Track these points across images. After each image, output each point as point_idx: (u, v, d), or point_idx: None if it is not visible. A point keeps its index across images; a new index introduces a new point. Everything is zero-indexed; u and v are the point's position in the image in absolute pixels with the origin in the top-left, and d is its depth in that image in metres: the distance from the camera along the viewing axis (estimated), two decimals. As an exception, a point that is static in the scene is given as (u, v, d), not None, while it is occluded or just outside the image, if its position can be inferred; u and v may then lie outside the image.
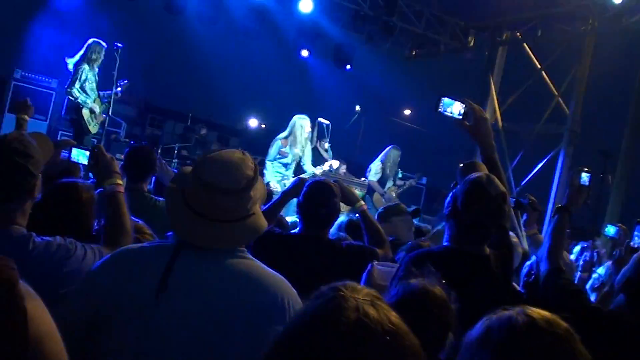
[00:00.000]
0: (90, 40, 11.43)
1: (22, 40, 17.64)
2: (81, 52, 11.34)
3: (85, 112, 11.28)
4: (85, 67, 11.25)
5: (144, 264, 2.55)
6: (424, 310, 2.60)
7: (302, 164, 11.36)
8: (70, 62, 11.32)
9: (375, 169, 12.95)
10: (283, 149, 11.20)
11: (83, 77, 11.22)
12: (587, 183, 3.89)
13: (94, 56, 11.38)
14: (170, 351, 2.41)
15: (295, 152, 11.18)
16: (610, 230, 6.75)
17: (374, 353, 1.52)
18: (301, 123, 11.19)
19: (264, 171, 11.20)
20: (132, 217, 3.64)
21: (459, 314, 2.63)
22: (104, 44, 11.48)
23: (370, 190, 12.83)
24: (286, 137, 11.25)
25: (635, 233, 4.87)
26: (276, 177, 11.12)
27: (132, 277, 2.50)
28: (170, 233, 2.95)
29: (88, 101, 11.25)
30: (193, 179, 2.56)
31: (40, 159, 3.12)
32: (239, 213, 2.56)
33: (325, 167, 11.42)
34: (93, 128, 11.41)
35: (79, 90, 11.19)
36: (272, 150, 11.30)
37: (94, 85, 11.42)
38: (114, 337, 2.43)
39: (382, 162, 13.00)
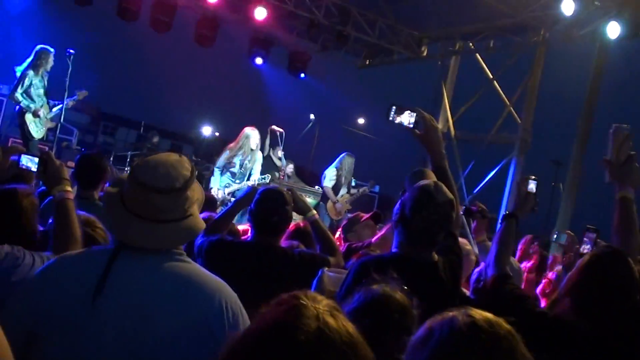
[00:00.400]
0: (38, 47, 11.37)
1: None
2: (29, 60, 11.27)
3: (29, 117, 11.20)
4: (31, 72, 11.18)
5: (81, 269, 2.52)
6: (385, 316, 2.61)
7: (251, 174, 11.40)
8: (19, 70, 11.24)
9: (330, 176, 12.97)
10: (232, 159, 11.28)
11: (27, 83, 11.15)
12: (534, 190, 3.94)
13: (40, 62, 11.29)
14: (107, 356, 2.37)
15: (244, 163, 11.24)
16: (560, 237, 6.84)
17: None
18: (248, 133, 11.29)
19: (212, 177, 11.28)
20: (82, 212, 3.60)
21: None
22: (51, 50, 11.42)
23: (324, 197, 12.86)
24: (235, 147, 11.32)
25: (585, 239, 4.93)
26: (222, 183, 11.15)
27: (70, 284, 2.47)
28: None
29: (32, 106, 11.15)
30: (130, 180, 2.55)
31: None
32: (176, 213, 2.55)
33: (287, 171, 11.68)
34: (37, 133, 11.28)
35: (23, 95, 11.11)
36: (221, 159, 11.41)
37: (41, 91, 11.32)
38: (53, 345, 2.39)
39: (337, 168, 13.04)
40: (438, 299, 3.06)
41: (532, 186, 3.94)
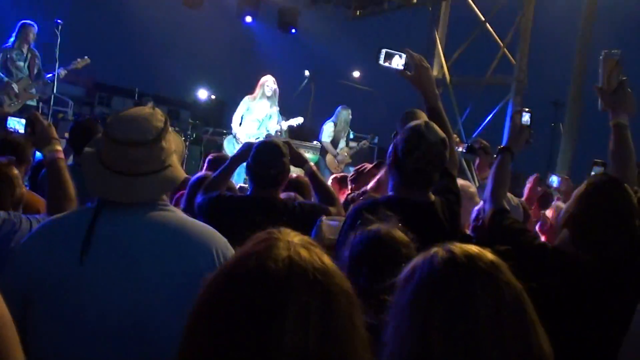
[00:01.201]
0: (21, 23, 11.28)
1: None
2: (13, 37, 11.23)
3: None
4: (9, 49, 11.14)
5: (67, 230, 2.52)
6: (392, 252, 2.62)
7: (268, 120, 11.53)
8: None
9: (327, 131, 12.96)
10: (251, 103, 11.43)
11: (3, 57, 11.09)
12: (528, 122, 3.88)
13: (21, 37, 11.21)
14: (101, 313, 2.38)
15: (264, 107, 11.40)
16: (554, 180, 6.81)
17: (304, 290, 1.53)
18: (263, 81, 11.44)
19: (231, 125, 11.47)
20: None
21: None
22: (32, 24, 11.32)
23: (323, 151, 12.87)
24: (253, 95, 11.48)
25: (592, 173, 4.89)
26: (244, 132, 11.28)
27: (58, 245, 2.47)
28: None
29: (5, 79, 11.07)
30: (105, 137, 2.54)
31: None
32: (152, 165, 2.54)
33: (293, 122, 11.75)
34: (10, 107, 11.18)
35: None
36: (239, 109, 11.52)
37: (20, 64, 11.21)
38: (45, 308, 2.41)
39: (334, 122, 13.02)
40: (436, 238, 3.06)
41: (526, 118, 3.89)
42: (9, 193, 3.56)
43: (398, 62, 3.98)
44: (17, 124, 3.99)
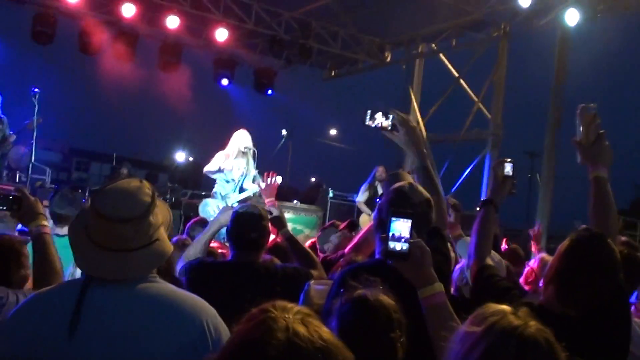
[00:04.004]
0: None
1: None
2: None
3: None
4: None
5: (55, 304, 2.48)
6: (367, 317, 2.60)
7: (246, 176, 11.13)
8: None
9: (363, 191, 13.04)
10: (225, 162, 10.92)
11: None
12: (510, 173, 3.85)
13: None
14: None
15: (240, 165, 10.99)
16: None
17: None
18: (237, 136, 11.05)
19: (206, 208, 10.95)
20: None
21: None
22: None
23: (359, 211, 12.94)
24: (227, 152, 11.01)
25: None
26: (217, 199, 10.94)
27: (45, 320, 2.43)
28: None
29: None
30: (92, 212, 2.52)
31: None
32: (140, 241, 2.52)
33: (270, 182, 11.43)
34: None
35: None
36: (212, 163, 10.99)
37: None
38: None
39: (369, 183, 13.13)
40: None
41: (508, 169, 3.84)
42: (16, 271, 3.55)
43: (384, 122, 3.97)
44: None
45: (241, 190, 11.10)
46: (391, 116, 3.96)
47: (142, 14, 15.15)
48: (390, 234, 2.88)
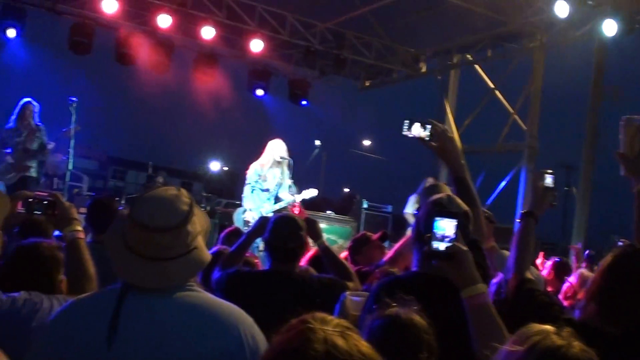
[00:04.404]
0: (23, 101, 11.65)
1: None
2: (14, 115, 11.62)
3: None
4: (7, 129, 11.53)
5: (93, 312, 2.50)
6: (414, 338, 2.58)
7: (281, 186, 11.23)
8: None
9: (412, 203, 13.02)
10: (260, 175, 11.08)
11: (4, 136, 11.51)
12: (551, 185, 3.79)
13: (21, 114, 11.56)
14: None
15: (275, 174, 11.09)
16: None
17: None
18: (272, 146, 11.16)
19: (243, 197, 11.11)
20: None
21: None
22: (30, 101, 11.65)
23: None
24: (261, 162, 11.16)
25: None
26: (255, 203, 10.99)
27: (83, 327, 2.45)
28: None
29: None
30: (129, 221, 2.52)
31: None
32: (178, 250, 2.52)
33: (307, 195, 11.42)
34: (8, 180, 11.41)
35: None
36: (251, 174, 11.15)
37: (18, 139, 11.46)
38: None
39: (418, 194, 13.13)
40: (461, 314, 3.00)
41: (549, 180, 3.79)
42: (55, 276, 3.57)
43: (422, 132, 3.93)
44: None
45: (276, 200, 11.15)
46: (429, 127, 3.93)
47: (177, 24, 15.23)
48: (434, 234, 2.85)
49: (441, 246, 2.85)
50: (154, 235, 2.47)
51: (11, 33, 14.79)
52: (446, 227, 2.86)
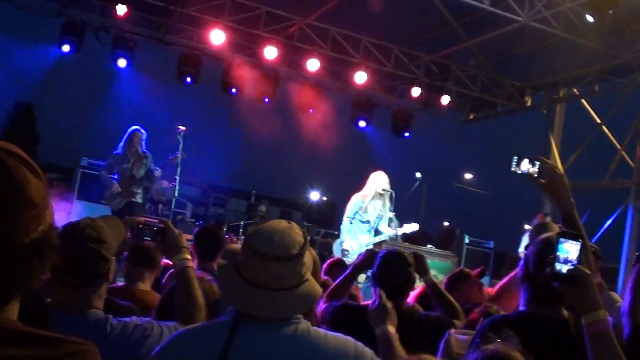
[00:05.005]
0: (131, 128, 12.04)
1: (87, 129, 18.35)
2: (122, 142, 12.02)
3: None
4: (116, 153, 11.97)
5: (203, 343, 2.54)
6: None
7: (381, 218, 11.16)
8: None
9: (524, 241, 12.86)
10: (361, 206, 11.03)
11: (110, 162, 11.96)
12: None
13: (129, 142, 11.94)
14: None
15: (376, 207, 11.03)
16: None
17: None
18: (375, 177, 11.11)
19: (341, 228, 11.10)
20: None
21: None
22: (138, 129, 12.03)
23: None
24: (364, 193, 11.11)
25: None
26: (354, 234, 10.96)
27: (194, 356, 2.51)
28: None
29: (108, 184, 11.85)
30: (246, 250, 2.57)
31: (113, 242, 3.18)
32: (294, 280, 2.56)
33: (408, 230, 11.36)
34: (115, 205, 11.80)
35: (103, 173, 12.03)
36: (351, 206, 11.11)
37: (125, 166, 11.84)
38: None
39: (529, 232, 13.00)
40: (568, 357, 2.96)
41: None
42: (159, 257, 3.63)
43: (531, 168, 3.90)
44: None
45: (376, 232, 11.11)
46: (537, 163, 3.89)
47: (283, 56, 15.50)
48: (558, 257, 2.83)
49: (564, 268, 2.82)
50: (272, 265, 2.51)
51: (122, 63, 15.46)
52: (570, 250, 2.84)
